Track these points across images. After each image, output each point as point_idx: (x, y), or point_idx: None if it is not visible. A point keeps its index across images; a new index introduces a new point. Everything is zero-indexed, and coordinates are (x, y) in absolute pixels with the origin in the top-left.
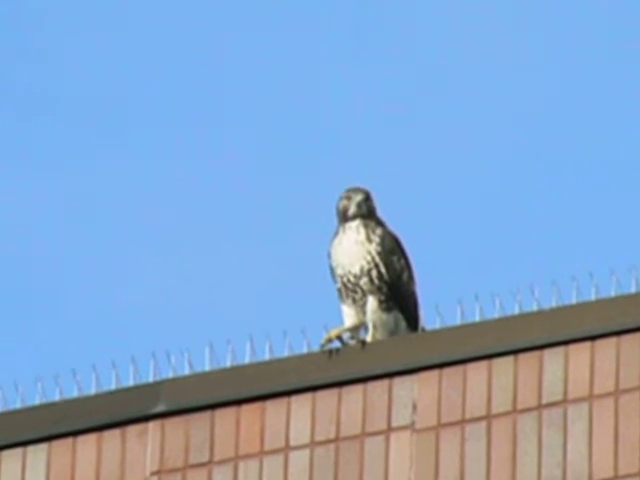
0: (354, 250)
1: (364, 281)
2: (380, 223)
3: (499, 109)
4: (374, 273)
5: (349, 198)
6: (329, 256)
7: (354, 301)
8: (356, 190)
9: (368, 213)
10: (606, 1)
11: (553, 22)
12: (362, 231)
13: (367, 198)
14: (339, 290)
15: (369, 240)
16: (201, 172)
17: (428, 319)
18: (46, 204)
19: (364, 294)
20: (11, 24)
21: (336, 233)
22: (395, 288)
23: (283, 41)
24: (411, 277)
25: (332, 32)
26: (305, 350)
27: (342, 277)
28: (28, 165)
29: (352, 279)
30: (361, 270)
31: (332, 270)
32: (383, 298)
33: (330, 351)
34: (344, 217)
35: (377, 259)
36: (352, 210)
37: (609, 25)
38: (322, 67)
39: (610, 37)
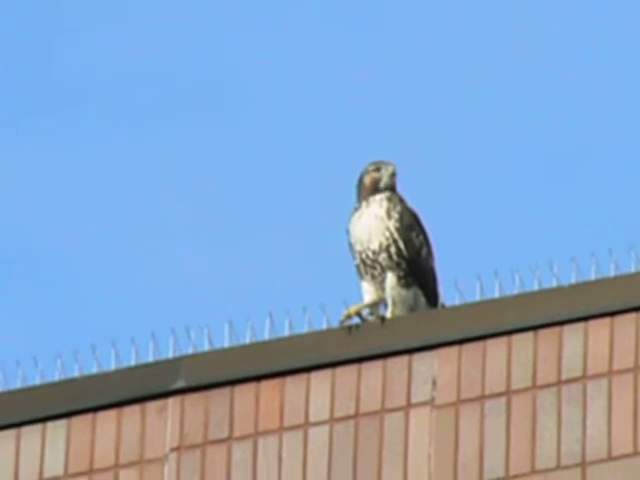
0: (373, 225)
1: (383, 257)
2: (401, 199)
3: (518, 91)
4: (393, 249)
5: (378, 170)
6: (348, 232)
7: (373, 277)
8: (385, 163)
9: (394, 187)
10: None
11: (554, 18)
12: (385, 205)
13: (395, 171)
14: (357, 266)
15: (389, 216)
16: (221, 158)
17: (447, 295)
18: (71, 188)
19: (383, 270)
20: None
21: (355, 209)
22: (414, 264)
23: (285, 37)
24: (430, 253)
25: (335, 28)
26: (324, 326)
27: (361, 253)
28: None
29: (371, 255)
30: (380, 246)
31: (351, 246)
32: (402, 274)
33: (349, 327)
34: (372, 189)
35: (396, 235)
36: (384, 181)
37: (625, 21)
38: (330, 61)
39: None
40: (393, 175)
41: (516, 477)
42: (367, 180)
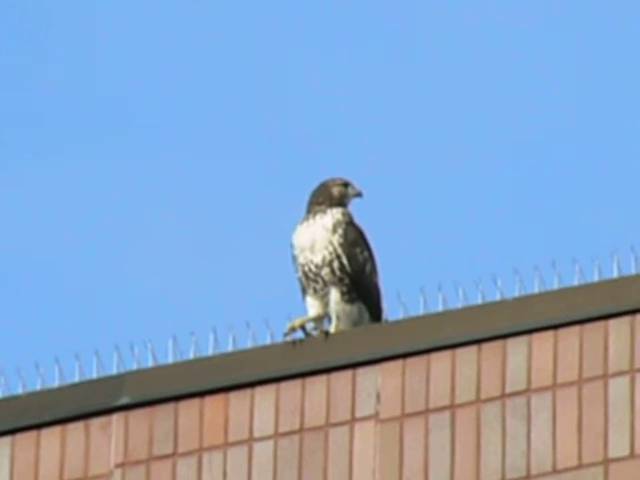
0: (319, 236)
1: (325, 272)
2: (350, 216)
3: (477, 102)
4: (336, 264)
5: (346, 186)
6: (291, 245)
7: (315, 291)
8: (345, 179)
9: (346, 205)
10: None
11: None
12: (336, 217)
13: (362, 195)
14: (300, 280)
15: (334, 230)
16: (169, 172)
17: (391, 309)
18: (36, 200)
19: (325, 284)
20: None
21: (303, 219)
22: (357, 280)
23: (279, 39)
24: (374, 269)
25: (331, 31)
26: (268, 341)
27: (303, 266)
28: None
29: (313, 269)
30: (323, 260)
31: (294, 259)
32: (345, 289)
33: (294, 342)
34: (335, 202)
35: (339, 250)
36: (349, 199)
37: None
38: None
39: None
40: (357, 196)
41: None
42: (336, 191)
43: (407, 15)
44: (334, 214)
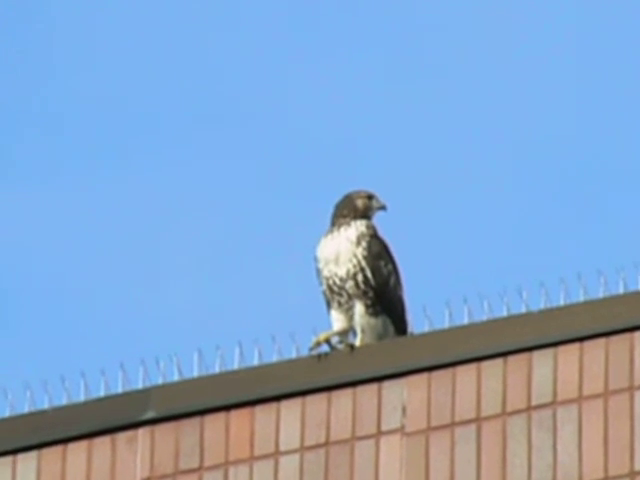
0: (343, 248)
1: (350, 285)
2: (375, 229)
3: (504, 113)
4: (360, 277)
5: (371, 199)
6: (315, 259)
7: (340, 305)
8: (372, 193)
9: (371, 217)
10: None
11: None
12: (360, 230)
13: (386, 208)
14: (324, 293)
15: (358, 242)
16: (169, 181)
17: (416, 322)
18: (62, 218)
19: (350, 298)
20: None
21: (328, 232)
22: (381, 293)
23: (283, 40)
24: (399, 282)
25: (334, 31)
26: (294, 355)
27: (328, 279)
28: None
29: (338, 282)
30: (347, 273)
31: (318, 272)
32: (369, 303)
33: (319, 355)
34: (359, 214)
35: (363, 263)
36: (373, 212)
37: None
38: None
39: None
40: (382, 209)
41: None
42: (360, 203)
43: (426, 19)
44: (358, 226)
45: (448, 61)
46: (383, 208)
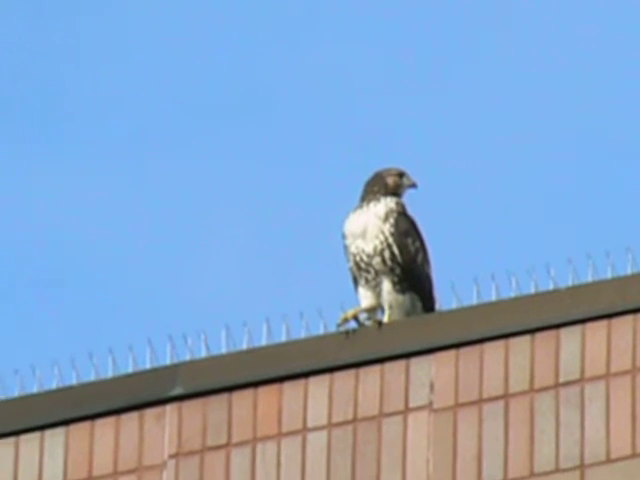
0: (371, 223)
1: (376, 261)
2: (404, 207)
3: (531, 90)
4: (387, 254)
5: (401, 176)
6: (343, 235)
7: (367, 281)
8: (400, 169)
9: (401, 195)
10: None
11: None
12: (390, 206)
13: (416, 186)
14: (351, 270)
15: (386, 218)
16: (221, 157)
17: (444, 299)
18: (96, 196)
19: (377, 274)
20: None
21: (356, 207)
22: (408, 270)
23: (298, 17)
24: (426, 260)
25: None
26: (322, 331)
27: (355, 256)
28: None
29: (365, 259)
30: (374, 250)
31: (345, 249)
32: (396, 279)
33: (347, 332)
34: (390, 191)
35: (390, 240)
36: (403, 190)
37: None
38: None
39: None
40: (412, 187)
41: None
42: (391, 180)
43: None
44: (387, 203)
45: (472, 35)
46: (414, 186)
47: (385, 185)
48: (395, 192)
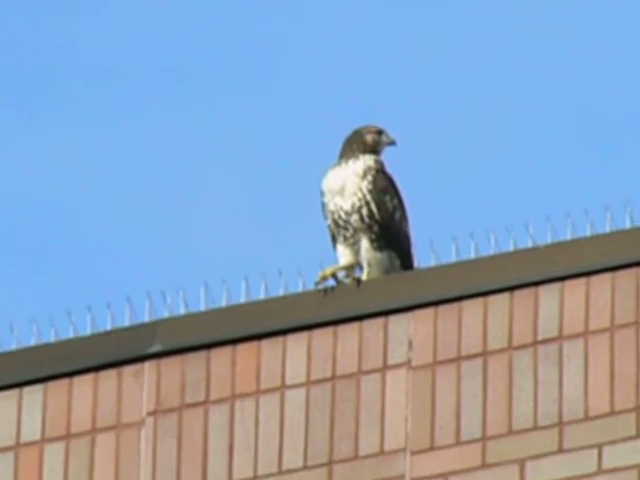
0: (349, 180)
1: (354, 219)
2: (382, 165)
3: (500, 50)
4: (365, 211)
5: (380, 134)
6: (321, 193)
7: (345, 239)
8: (379, 127)
9: (379, 153)
10: None
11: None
12: (368, 163)
13: (395, 143)
14: (329, 227)
15: (364, 175)
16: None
17: (422, 257)
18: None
19: (355, 232)
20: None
21: (335, 164)
22: (386, 228)
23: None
24: (404, 217)
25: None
26: (300, 289)
27: (333, 213)
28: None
29: (343, 216)
30: (352, 207)
31: (323, 206)
32: (374, 237)
33: (325, 289)
34: (368, 149)
35: (368, 197)
36: (382, 147)
37: None
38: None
39: None
40: (391, 144)
41: (493, 438)
42: (370, 138)
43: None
44: (366, 160)
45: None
46: (393, 143)
47: (364, 142)
48: (374, 150)
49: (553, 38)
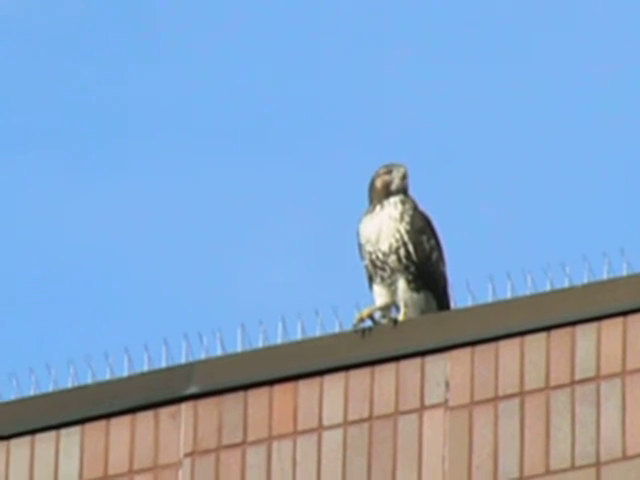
0: (385, 226)
1: (392, 259)
2: (414, 202)
3: (525, 92)
4: (402, 252)
5: (390, 172)
6: (358, 234)
7: (382, 279)
8: (396, 165)
9: (405, 189)
10: None
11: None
12: (399, 207)
13: (406, 174)
14: (367, 267)
15: (401, 218)
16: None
17: (459, 297)
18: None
19: (392, 272)
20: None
21: (368, 210)
22: (423, 268)
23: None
24: (441, 258)
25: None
26: (337, 329)
27: (371, 254)
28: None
29: (380, 257)
30: (390, 248)
31: (360, 247)
32: (411, 278)
33: (362, 330)
34: (384, 192)
35: (406, 238)
36: (396, 184)
37: None
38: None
39: None
40: (404, 177)
41: (530, 478)
42: (378, 183)
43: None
44: (396, 203)
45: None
46: (404, 176)
47: (377, 189)
48: (391, 190)
49: (584, 88)
